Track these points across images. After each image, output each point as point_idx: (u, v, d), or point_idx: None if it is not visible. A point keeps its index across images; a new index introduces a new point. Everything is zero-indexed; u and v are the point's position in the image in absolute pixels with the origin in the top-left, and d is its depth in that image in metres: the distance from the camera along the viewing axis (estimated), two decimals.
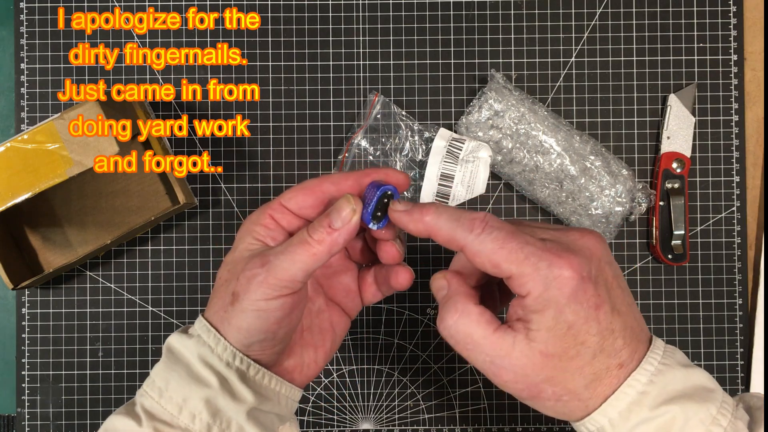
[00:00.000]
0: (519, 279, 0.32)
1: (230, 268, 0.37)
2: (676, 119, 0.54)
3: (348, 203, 0.35)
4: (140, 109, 0.51)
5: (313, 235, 0.35)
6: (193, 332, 0.37)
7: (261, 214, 0.38)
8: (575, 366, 0.33)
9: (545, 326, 0.32)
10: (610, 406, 0.33)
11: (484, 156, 0.51)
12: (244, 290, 0.35)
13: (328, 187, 0.37)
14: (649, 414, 0.32)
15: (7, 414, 0.55)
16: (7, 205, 0.44)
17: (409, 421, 0.55)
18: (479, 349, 0.34)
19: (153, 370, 0.38)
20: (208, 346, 0.36)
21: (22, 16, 0.55)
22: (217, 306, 0.37)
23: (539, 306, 0.32)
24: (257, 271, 0.35)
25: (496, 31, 0.55)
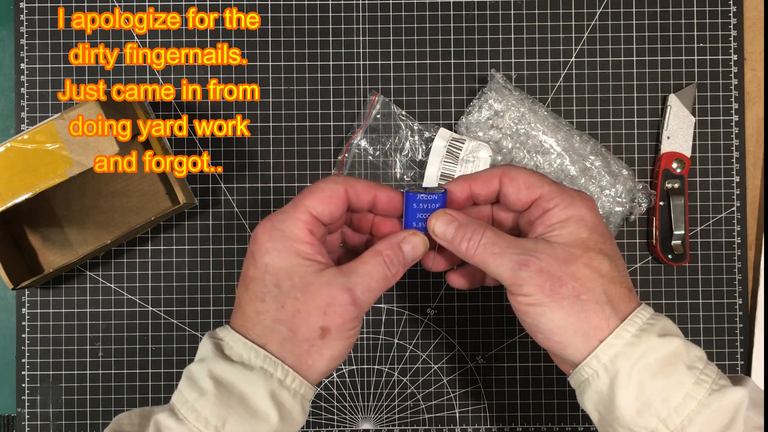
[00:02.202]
0: (549, 195, 0.37)
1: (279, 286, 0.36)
2: (676, 119, 0.54)
3: (420, 239, 0.39)
4: (140, 109, 0.51)
5: (392, 269, 0.38)
6: (242, 359, 0.35)
7: (297, 228, 0.36)
8: (595, 266, 0.36)
9: (568, 230, 0.36)
10: (624, 330, 0.35)
11: (484, 156, 0.51)
12: (337, 325, 0.36)
13: (347, 193, 0.38)
14: (658, 340, 0.35)
15: (7, 414, 0.55)
16: (7, 205, 0.44)
17: (409, 421, 0.55)
18: (507, 250, 0.36)
19: (197, 402, 0.35)
20: (277, 380, 0.35)
21: (22, 16, 0.55)
22: (281, 335, 0.36)
23: (564, 215, 0.37)
24: (350, 309, 0.36)
25: (496, 31, 0.55)
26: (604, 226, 0.38)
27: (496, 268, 0.37)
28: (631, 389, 0.34)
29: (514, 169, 0.39)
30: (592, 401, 0.36)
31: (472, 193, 0.40)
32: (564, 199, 0.37)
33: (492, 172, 0.39)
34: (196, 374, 0.36)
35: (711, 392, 0.34)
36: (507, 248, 0.36)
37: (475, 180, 0.39)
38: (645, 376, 0.34)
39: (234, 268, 0.55)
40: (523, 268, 0.36)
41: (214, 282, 0.55)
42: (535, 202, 0.38)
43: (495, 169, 0.39)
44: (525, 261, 0.36)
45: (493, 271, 0.37)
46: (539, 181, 0.38)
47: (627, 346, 0.35)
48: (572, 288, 0.35)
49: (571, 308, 0.35)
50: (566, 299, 0.35)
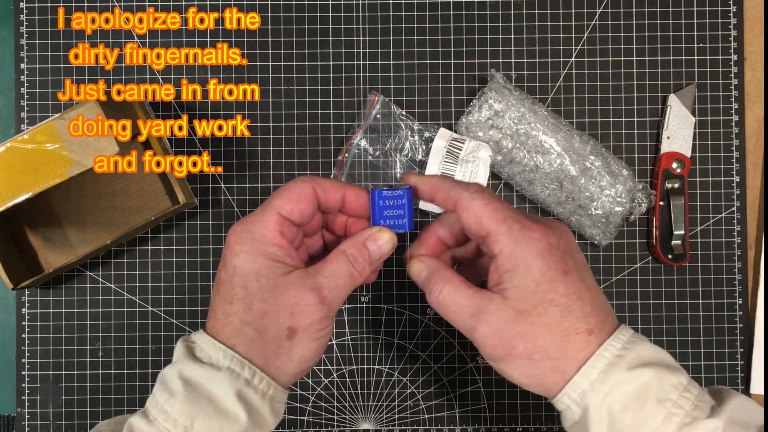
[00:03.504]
0: (494, 236, 0.36)
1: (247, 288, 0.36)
2: (676, 119, 0.54)
3: (386, 235, 0.39)
4: (140, 109, 0.51)
5: (357, 267, 0.38)
6: (210, 360, 0.36)
7: (266, 230, 0.37)
8: (543, 322, 0.35)
9: (515, 283, 0.35)
10: (590, 367, 0.35)
11: (484, 156, 0.51)
12: (305, 326, 0.36)
13: (315, 192, 0.39)
14: (626, 375, 0.34)
15: (7, 414, 0.55)
16: (7, 205, 0.44)
17: (409, 421, 0.55)
18: (462, 310, 0.37)
19: (167, 403, 0.35)
20: (244, 379, 0.35)
21: (22, 16, 0.55)
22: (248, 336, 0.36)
23: (510, 263, 0.35)
24: (318, 308, 0.36)
25: (496, 31, 0.55)
26: (559, 264, 0.35)
27: (456, 324, 0.37)
28: (602, 422, 0.34)
29: (469, 198, 0.37)
30: (571, 429, 0.37)
31: (432, 197, 0.40)
32: (508, 244, 0.35)
33: (451, 192, 0.38)
34: (167, 377, 0.36)
35: (681, 427, 0.33)
36: (461, 308, 0.37)
37: (438, 191, 0.39)
38: (615, 409, 0.34)
39: None
40: (474, 332, 0.36)
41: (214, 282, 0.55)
42: (485, 240, 0.37)
43: (456, 190, 0.38)
44: (475, 325, 0.36)
45: (456, 324, 0.37)
46: (488, 217, 0.36)
47: (595, 382, 0.34)
48: (524, 350, 0.35)
49: (527, 369, 0.35)
50: (519, 360, 0.35)
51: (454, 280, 0.38)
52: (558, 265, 0.35)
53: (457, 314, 0.37)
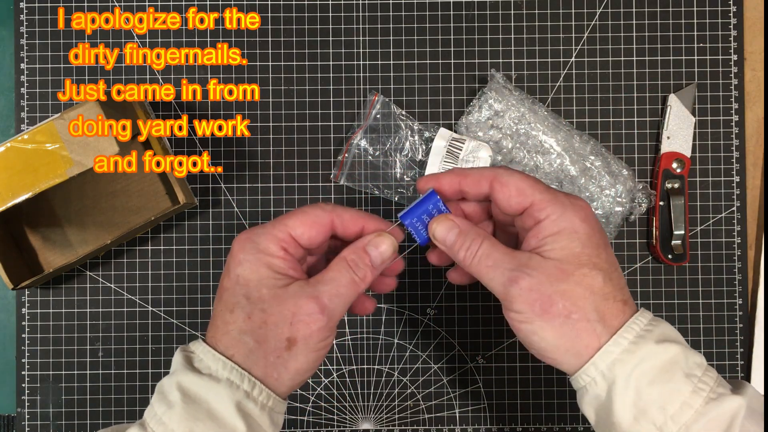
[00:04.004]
0: (540, 204, 0.36)
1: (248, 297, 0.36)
2: (676, 119, 0.54)
3: (387, 240, 0.39)
4: (140, 109, 0.51)
5: (358, 273, 0.37)
6: (209, 371, 0.35)
7: (271, 243, 0.37)
8: (587, 284, 0.35)
9: (560, 245, 0.36)
10: (621, 337, 0.35)
11: (484, 156, 0.51)
12: (304, 336, 0.35)
13: (332, 221, 0.38)
14: (655, 347, 0.34)
15: (7, 414, 0.55)
16: (7, 205, 0.44)
17: (409, 421, 0.55)
18: (501, 264, 0.36)
19: (165, 415, 0.35)
20: (243, 391, 0.35)
21: (22, 16, 0.55)
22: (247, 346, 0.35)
23: (555, 227, 0.36)
24: (318, 317, 0.35)
25: (496, 31, 0.55)
26: (600, 234, 0.37)
27: (489, 281, 0.37)
28: (628, 396, 0.34)
29: (506, 173, 0.38)
30: (591, 406, 0.36)
31: (461, 189, 0.39)
32: (555, 209, 0.36)
33: (483, 173, 0.39)
34: (165, 387, 0.36)
35: (708, 401, 0.34)
36: (500, 262, 0.36)
37: (465, 178, 0.39)
38: (642, 383, 0.34)
39: None
40: (513, 284, 0.35)
41: (214, 282, 0.55)
42: (527, 211, 0.37)
43: (487, 170, 0.38)
44: (516, 277, 0.35)
45: (487, 283, 0.37)
46: (531, 188, 0.37)
47: (624, 353, 0.35)
48: (563, 307, 0.35)
49: (562, 328, 0.35)
50: (557, 318, 0.35)
51: (491, 237, 0.38)
52: (601, 234, 0.37)
53: (495, 269, 0.36)
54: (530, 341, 0.36)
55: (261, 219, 0.55)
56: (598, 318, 0.35)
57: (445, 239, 0.39)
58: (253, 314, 0.35)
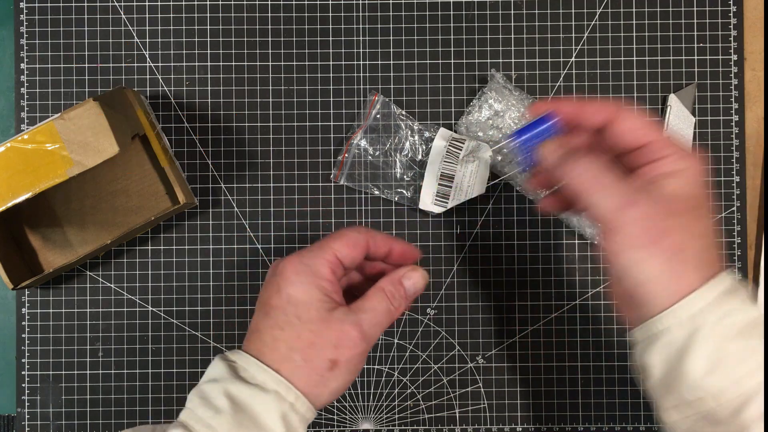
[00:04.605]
0: (659, 143, 0.36)
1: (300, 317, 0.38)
2: (676, 119, 0.54)
3: (418, 273, 0.41)
4: (140, 109, 0.51)
5: (394, 303, 0.39)
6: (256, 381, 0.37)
7: (322, 267, 0.39)
8: (699, 226, 0.35)
9: (678, 184, 0.35)
10: (714, 286, 0.34)
11: (484, 156, 0.51)
12: (346, 359, 0.38)
13: (368, 243, 0.41)
14: (740, 305, 0.34)
15: (7, 414, 0.55)
16: (7, 205, 0.44)
17: (409, 421, 0.55)
18: (614, 187, 0.36)
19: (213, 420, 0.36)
20: (289, 403, 0.37)
21: (22, 16, 0.55)
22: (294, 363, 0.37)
23: (675, 167, 0.36)
24: (359, 343, 0.38)
25: (496, 31, 0.55)
26: (708, 190, 0.37)
27: (600, 200, 0.36)
28: (706, 347, 0.33)
29: (628, 108, 0.38)
30: (660, 355, 0.35)
31: (579, 118, 0.39)
32: (677, 150, 0.36)
33: (606, 103, 0.38)
34: (210, 393, 0.37)
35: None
36: (616, 183, 0.36)
37: (584, 107, 0.39)
38: (723, 336, 0.33)
39: (234, 268, 0.55)
40: (629, 208, 0.35)
41: (214, 282, 0.55)
42: (645, 147, 0.37)
43: (609, 102, 0.39)
44: (632, 201, 0.35)
45: (596, 203, 0.36)
46: (651, 127, 0.37)
47: (714, 303, 0.34)
48: (675, 242, 0.34)
49: (669, 262, 0.34)
50: (666, 252, 0.34)
51: (602, 158, 0.37)
52: (708, 190, 0.37)
53: (610, 189, 0.36)
54: (628, 271, 0.35)
55: (261, 219, 0.55)
56: (702, 260, 0.35)
57: (551, 155, 0.39)
58: (303, 334, 0.37)
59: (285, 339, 0.37)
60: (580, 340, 0.55)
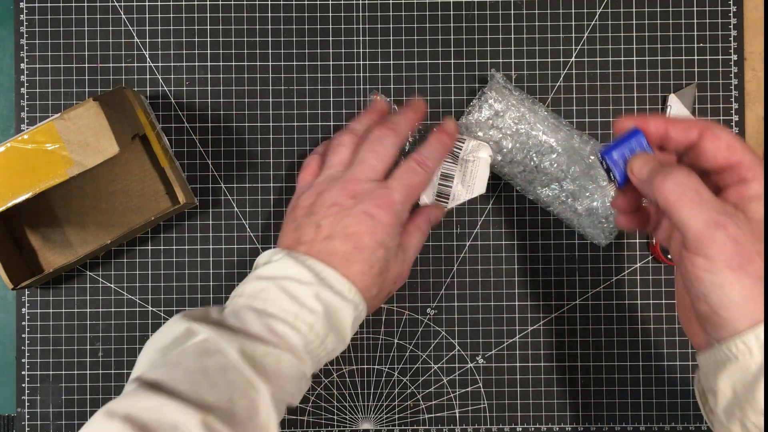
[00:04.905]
0: (750, 164, 0.36)
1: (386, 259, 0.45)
2: None
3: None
4: (140, 109, 0.51)
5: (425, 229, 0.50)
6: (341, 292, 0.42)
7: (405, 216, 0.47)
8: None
9: (762, 209, 0.35)
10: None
11: (484, 156, 0.51)
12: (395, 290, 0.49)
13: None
14: None
15: (7, 414, 0.55)
16: (7, 205, 0.44)
17: (409, 421, 0.55)
18: (707, 204, 0.35)
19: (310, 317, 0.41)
20: (359, 311, 0.43)
21: (22, 16, 0.55)
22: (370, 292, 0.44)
23: (761, 190, 0.35)
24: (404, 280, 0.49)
25: (496, 31, 0.55)
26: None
27: (689, 217, 0.35)
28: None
29: (717, 127, 0.37)
30: (731, 378, 0.35)
31: (667, 134, 0.39)
32: (763, 173, 0.36)
33: (693, 122, 0.38)
34: (299, 293, 0.41)
35: None
36: (708, 201, 0.35)
37: (674, 123, 0.38)
38: None
39: (234, 268, 0.55)
40: (719, 228, 0.34)
41: (214, 282, 0.55)
42: (732, 168, 0.36)
43: (697, 121, 0.38)
44: (723, 222, 0.34)
45: (683, 218, 0.35)
46: (742, 147, 0.36)
47: None
48: (758, 267, 0.34)
49: (752, 288, 0.34)
50: (750, 278, 0.33)
51: (697, 175, 0.36)
52: None
53: (701, 205, 0.35)
54: (708, 294, 0.35)
55: (261, 219, 0.55)
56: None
57: (641, 170, 0.38)
58: (383, 273, 0.44)
59: (370, 274, 0.43)
60: (580, 340, 0.55)
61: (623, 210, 0.42)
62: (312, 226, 0.44)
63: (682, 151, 0.39)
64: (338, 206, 0.44)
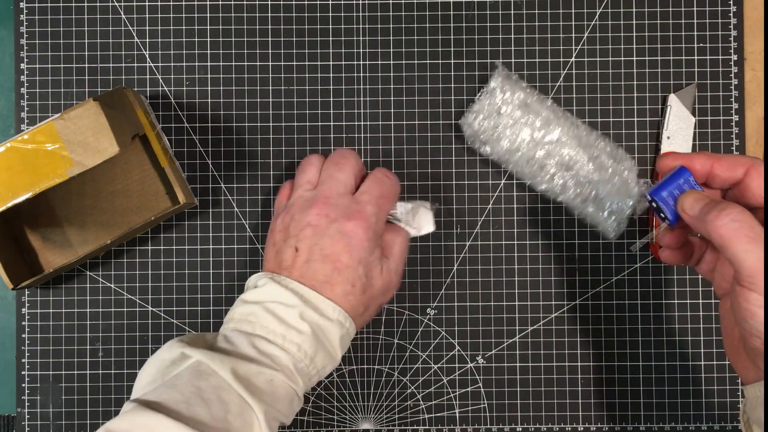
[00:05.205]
0: None
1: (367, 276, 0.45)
2: (676, 119, 0.54)
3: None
4: (140, 109, 0.51)
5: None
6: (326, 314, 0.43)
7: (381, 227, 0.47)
8: None
9: None
10: None
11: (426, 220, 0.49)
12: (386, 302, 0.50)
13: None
14: None
15: (7, 414, 0.55)
16: (7, 205, 0.44)
17: (409, 421, 0.55)
18: (757, 242, 0.35)
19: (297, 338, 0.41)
20: (346, 329, 0.44)
21: (22, 16, 0.55)
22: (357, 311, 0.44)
23: None
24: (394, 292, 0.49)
25: (496, 31, 0.55)
26: None
27: (744, 252, 0.35)
28: None
29: (762, 164, 0.38)
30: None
31: (713, 172, 0.39)
32: None
33: (739, 159, 0.39)
34: (285, 315, 0.42)
35: None
36: (762, 236, 0.35)
37: (719, 160, 0.39)
38: None
39: (234, 268, 0.55)
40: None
41: (214, 282, 0.55)
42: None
43: (743, 157, 0.39)
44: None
45: (738, 253, 0.35)
46: None
47: None
48: None
49: None
50: None
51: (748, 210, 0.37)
52: None
53: (756, 241, 0.35)
54: (762, 329, 0.35)
55: (261, 219, 0.55)
56: None
57: (693, 207, 0.38)
58: (367, 289, 0.44)
59: (354, 294, 0.44)
60: (580, 340, 0.55)
61: (670, 246, 0.42)
62: (290, 249, 0.44)
63: (726, 188, 0.40)
64: (312, 227, 0.44)
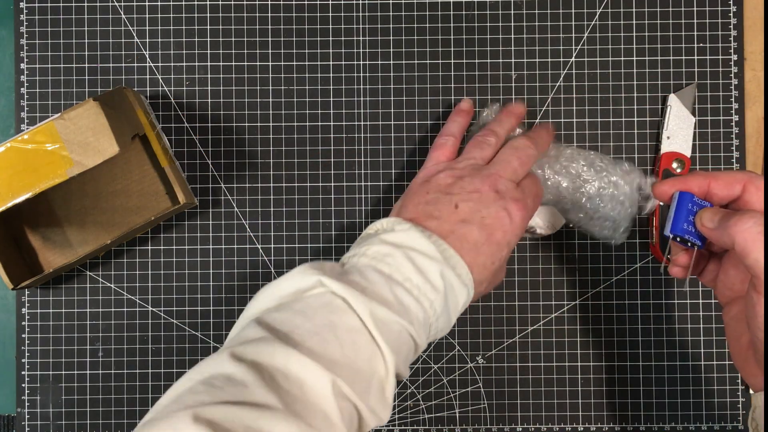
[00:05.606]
0: None
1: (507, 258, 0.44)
2: (676, 119, 0.54)
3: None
4: (140, 109, 0.51)
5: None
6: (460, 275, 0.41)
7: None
8: None
9: None
10: None
11: None
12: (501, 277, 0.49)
13: None
14: None
15: (7, 414, 0.55)
16: (7, 205, 0.44)
17: (409, 421, 0.55)
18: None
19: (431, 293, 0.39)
20: (470, 296, 0.42)
21: (22, 16, 0.55)
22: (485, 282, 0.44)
23: None
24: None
25: (496, 31, 0.55)
26: None
27: (757, 258, 0.35)
28: None
29: (759, 178, 0.38)
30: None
31: (710, 191, 0.40)
32: None
33: (735, 175, 0.39)
34: (427, 268, 0.40)
35: None
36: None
37: (716, 179, 0.39)
38: None
39: (234, 268, 0.55)
40: None
41: (214, 282, 0.55)
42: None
43: (739, 173, 0.39)
44: None
45: (756, 256, 0.35)
46: None
47: None
48: None
49: None
50: None
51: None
52: None
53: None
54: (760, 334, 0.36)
55: (261, 219, 0.55)
56: None
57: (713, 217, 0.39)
58: (497, 273, 0.44)
59: (490, 268, 0.42)
60: (580, 340, 0.55)
61: (684, 266, 0.43)
62: (449, 204, 0.43)
63: (725, 205, 0.40)
64: (480, 194, 0.43)
